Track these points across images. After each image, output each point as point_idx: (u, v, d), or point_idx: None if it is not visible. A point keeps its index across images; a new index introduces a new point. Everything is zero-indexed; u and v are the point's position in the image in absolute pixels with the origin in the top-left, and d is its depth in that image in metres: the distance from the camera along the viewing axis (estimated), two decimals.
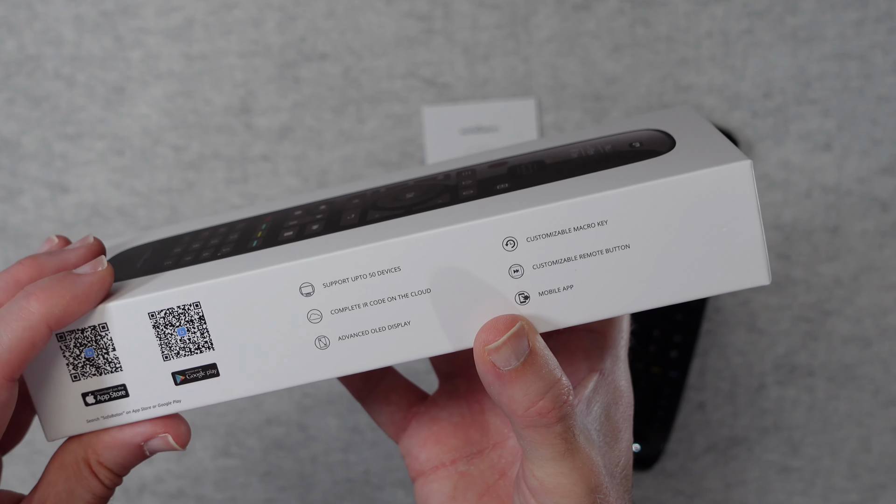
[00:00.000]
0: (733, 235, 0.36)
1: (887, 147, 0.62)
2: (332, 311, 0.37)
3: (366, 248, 0.37)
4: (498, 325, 0.36)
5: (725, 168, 0.35)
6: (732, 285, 0.36)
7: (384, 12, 0.61)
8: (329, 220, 0.40)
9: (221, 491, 0.67)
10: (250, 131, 0.62)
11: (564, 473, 0.38)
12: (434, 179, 0.42)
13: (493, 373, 0.36)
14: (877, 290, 0.64)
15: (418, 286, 0.37)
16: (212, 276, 0.38)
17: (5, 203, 0.63)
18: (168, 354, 0.38)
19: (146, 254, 0.43)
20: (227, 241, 0.41)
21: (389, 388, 0.46)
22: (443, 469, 0.44)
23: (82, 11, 0.61)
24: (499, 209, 0.37)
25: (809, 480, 0.66)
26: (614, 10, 0.61)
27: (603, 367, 0.42)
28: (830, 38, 0.61)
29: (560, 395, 0.37)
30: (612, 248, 0.36)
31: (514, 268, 0.37)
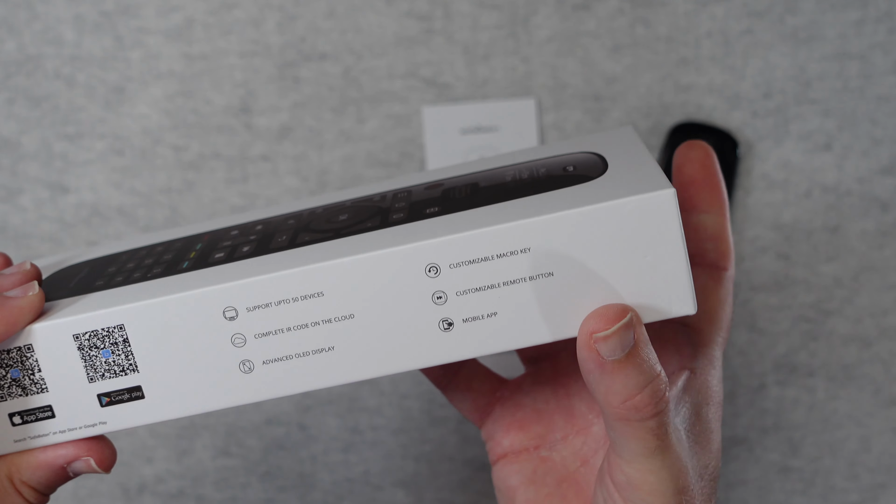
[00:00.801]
0: (658, 264, 0.36)
1: (887, 147, 0.62)
2: (255, 336, 0.37)
3: (288, 273, 0.37)
4: (609, 314, 0.36)
5: (648, 196, 0.35)
6: (658, 314, 0.36)
7: (384, 12, 0.61)
8: (261, 241, 0.41)
9: (221, 491, 0.67)
10: (250, 131, 0.62)
11: (653, 471, 0.37)
12: (370, 200, 0.42)
13: (595, 361, 0.36)
14: (877, 290, 0.64)
15: (342, 312, 0.37)
16: (136, 298, 0.38)
17: (5, 203, 0.63)
18: (93, 376, 0.38)
19: (82, 272, 0.43)
20: (161, 261, 0.41)
21: (471, 375, 0.46)
22: (525, 453, 0.44)
23: (82, 11, 0.61)
24: (423, 235, 0.37)
25: (809, 480, 0.66)
26: (614, 10, 0.61)
27: (694, 365, 0.41)
28: (830, 38, 0.61)
29: (658, 390, 0.36)
30: (535, 275, 0.36)
31: (438, 294, 0.37)
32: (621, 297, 0.36)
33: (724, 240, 0.42)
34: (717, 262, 0.42)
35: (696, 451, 0.39)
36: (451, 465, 0.66)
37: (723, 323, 0.42)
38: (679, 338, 0.42)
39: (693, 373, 0.41)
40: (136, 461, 0.66)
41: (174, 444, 0.66)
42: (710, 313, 0.42)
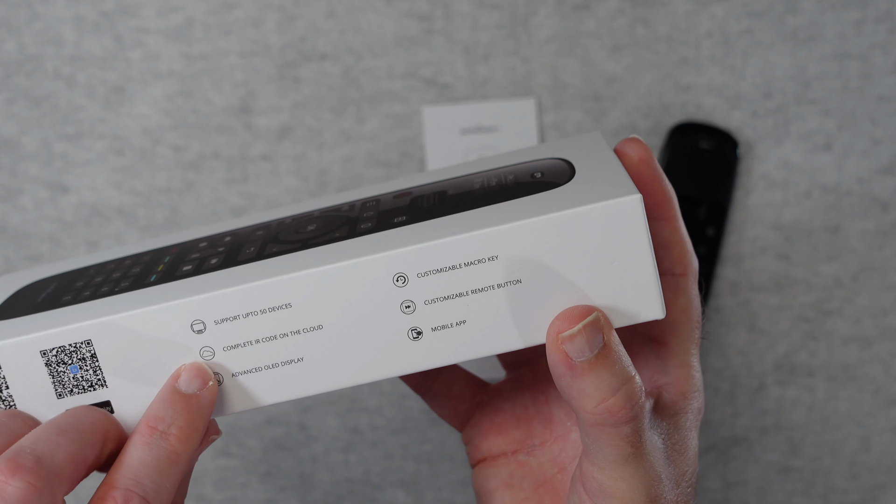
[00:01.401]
0: (625, 269, 0.36)
1: (887, 147, 0.62)
2: (224, 348, 0.37)
3: (256, 286, 0.37)
4: (573, 314, 0.36)
5: (614, 203, 0.35)
6: (628, 319, 0.36)
7: (384, 12, 0.61)
8: (229, 253, 0.40)
9: (221, 491, 0.67)
10: (250, 131, 0.62)
11: (626, 479, 0.37)
12: (338, 210, 0.42)
13: (564, 363, 0.35)
14: (877, 290, 0.64)
15: (310, 322, 0.37)
16: (103, 313, 0.38)
17: (5, 203, 0.63)
18: (62, 392, 0.38)
19: (49, 287, 0.43)
20: (128, 274, 0.41)
21: (450, 380, 0.46)
22: (503, 458, 0.44)
23: (82, 11, 0.61)
24: (390, 245, 0.37)
25: (809, 480, 0.66)
26: (614, 10, 0.61)
27: (666, 380, 0.41)
28: (830, 38, 0.61)
29: (632, 394, 0.36)
30: (503, 283, 0.36)
31: (406, 303, 0.37)
32: (591, 301, 0.36)
33: (676, 243, 0.41)
34: (673, 269, 0.41)
35: (674, 458, 0.39)
36: (451, 465, 0.66)
37: (690, 330, 0.42)
38: (647, 354, 0.42)
39: (665, 388, 0.41)
40: None
41: None
42: (675, 325, 0.41)
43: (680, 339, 0.41)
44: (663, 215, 0.41)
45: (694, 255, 0.42)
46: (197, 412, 0.37)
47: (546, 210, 0.36)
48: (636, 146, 0.40)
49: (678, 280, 0.41)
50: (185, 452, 0.36)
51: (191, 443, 0.36)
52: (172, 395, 0.37)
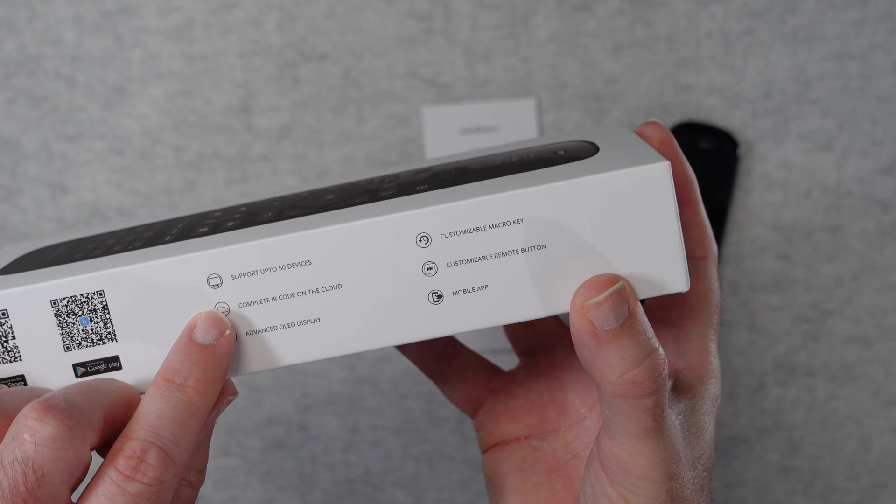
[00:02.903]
0: (651, 238, 0.35)
1: (887, 147, 0.62)
2: (240, 305, 0.36)
3: (276, 241, 0.36)
4: (599, 282, 0.35)
5: (642, 169, 0.35)
6: (652, 290, 0.36)
7: (384, 12, 0.61)
8: (245, 218, 0.40)
9: (221, 491, 0.67)
10: (250, 131, 0.62)
11: (645, 454, 0.36)
12: (357, 184, 0.42)
13: (589, 332, 0.35)
14: (877, 290, 0.64)
15: (329, 281, 0.36)
16: (117, 264, 0.37)
17: (5, 203, 0.63)
18: (69, 345, 0.37)
19: (59, 250, 0.42)
20: (142, 237, 0.40)
21: (464, 366, 0.45)
22: (515, 443, 0.44)
23: (82, 11, 0.61)
24: (413, 205, 0.36)
25: (809, 480, 0.66)
26: (614, 10, 0.61)
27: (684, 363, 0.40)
28: (830, 38, 0.61)
29: (656, 365, 0.35)
30: (527, 247, 0.36)
31: (428, 265, 0.36)
32: (615, 271, 0.36)
33: (696, 226, 0.41)
34: (693, 252, 0.41)
35: (691, 440, 0.39)
36: (451, 465, 0.66)
37: (710, 315, 0.41)
38: (665, 338, 0.41)
39: (682, 371, 0.40)
40: None
41: None
42: (694, 309, 0.41)
43: (698, 324, 0.41)
44: (684, 198, 0.41)
45: (714, 239, 0.41)
46: (214, 363, 0.36)
47: (573, 175, 0.35)
48: (657, 129, 0.40)
49: (698, 263, 0.41)
50: (203, 404, 0.35)
51: (208, 394, 0.36)
52: (188, 347, 0.36)
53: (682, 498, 0.37)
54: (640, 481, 0.37)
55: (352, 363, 0.65)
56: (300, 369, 0.65)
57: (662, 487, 0.37)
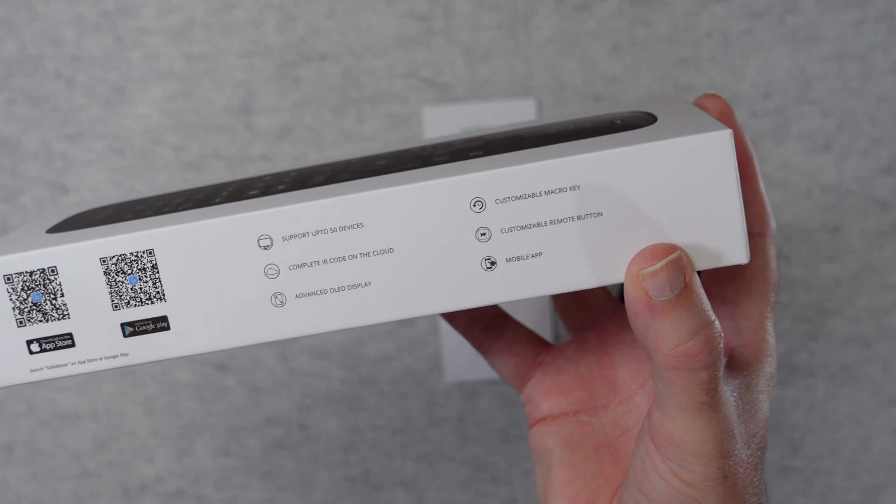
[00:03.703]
0: (711, 208, 0.35)
1: (887, 147, 0.62)
2: (290, 267, 0.36)
3: (328, 202, 0.35)
4: (656, 251, 0.34)
5: (704, 136, 0.34)
6: (710, 261, 0.35)
7: (384, 12, 0.61)
8: (296, 181, 0.39)
9: (221, 491, 0.67)
10: (250, 131, 0.62)
11: (698, 430, 0.35)
12: (408, 151, 0.41)
13: (643, 302, 0.34)
14: (877, 290, 0.64)
15: (381, 245, 0.36)
16: (168, 223, 0.36)
17: (5, 203, 0.63)
18: (118, 304, 0.37)
19: (109, 210, 0.42)
20: (192, 199, 0.40)
21: (513, 338, 0.45)
22: (563, 417, 0.43)
23: (82, 11, 0.61)
24: (468, 170, 0.35)
25: (809, 480, 0.66)
26: (614, 10, 0.61)
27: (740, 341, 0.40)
28: (830, 38, 0.61)
29: (711, 338, 0.34)
30: (583, 214, 0.35)
31: (482, 231, 0.35)
32: (672, 240, 0.35)
33: (756, 202, 0.40)
34: (751, 228, 0.40)
35: (745, 418, 0.38)
36: (451, 465, 0.66)
37: (767, 293, 0.40)
38: (721, 315, 0.41)
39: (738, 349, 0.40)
40: (136, 461, 0.66)
41: (174, 444, 0.66)
42: (751, 286, 0.40)
43: (755, 301, 0.40)
44: (744, 173, 0.40)
45: (772, 215, 0.41)
46: None
47: (632, 142, 0.35)
48: (717, 101, 0.39)
49: (756, 240, 0.40)
50: None
51: None
52: None
53: (734, 475, 0.37)
54: (691, 457, 0.36)
55: (352, 363, 0.65)
56: (300, 369, 0.65)
57: (715, 464, 0.36)
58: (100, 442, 0.66)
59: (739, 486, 0.37)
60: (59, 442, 0.66)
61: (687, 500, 0.37)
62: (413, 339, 0.64)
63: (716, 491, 0.36)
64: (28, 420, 0.65)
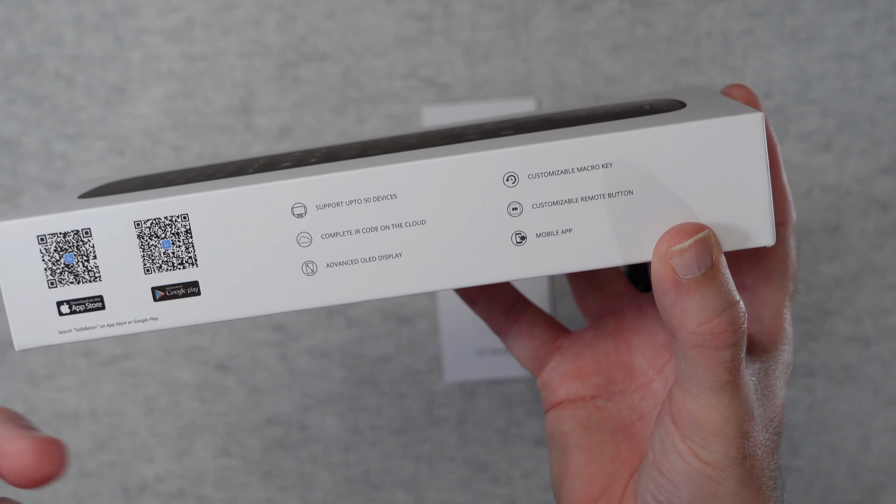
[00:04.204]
0: (740, 190, 0.35)
1: (887, 147, 0.62)
2: (322, 236, 0.36)
3: (363, 172, 0.36)
4: (685, 229, 0.35)
5: (736, 119, 0.35)
6: (737, 242, 0.36)
7: (384, 12, 0.61)
8: (328, 155, 0.40)
9: (221, 491, 0.67)
10: (250, 131, 0.62)
11: (719, 409, 0.36)
12: (439, 130, 0.42)
13: (671, 279, 0.35)
14: (877, 290, 0.64)
15: (414, 216, 0.36)
16: (203, 189, 0.37)
17: (5, 203, 0.63)
18: (150, 267, 0.37)
19: (140, 181, 0.42)
20: (224, 170, 0.40)
21: (532, 322, 0.45)
22: (580, 402, 0.43)
23: (82, 11, 0.61)
24: (502, 145, 0.36)
25: (809, 480, 0.66)
26: (614, 10, 0.61)
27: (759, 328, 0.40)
28: (830, 38, 0.61)
29: (736, 318, 0.35)
30: (614, 192, 0.35)
31: (514, 205, 0.36)
32: (700, 220, 0.35)
33: (778, 191, 0.41)
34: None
35: (763, 402, 0.38)
36: (451, 465, 0.66)
37: (786, 282, 0.41)
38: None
39: (756, 335, 0.40)
40: (136, 461, 0.66)
41: (174, 444, 0.66)
42: (770, 275, 0.41)
43: (774, 289, 0.41)
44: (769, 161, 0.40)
45: (793, 205, 0.41)
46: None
47: (665, 123, 0.35)
48: (743, 90, 0.40)
49: (777, 229, 0.41)
50: None
51: None
52: None
53: (753, 457, 0.37)
54: (712, 436, 0.36)
55: (352, 363, 0.65)
56: (300, 369, 0.65)
57: (734, 444, 0.36)
58: (100, 442, 0.66)
59: (757, 469, 0.37)
60: None
61: (706, 479, 0.37)
62: (413, 339, 0.64)
63: (734, 471, 0.37)
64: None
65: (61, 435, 0.65)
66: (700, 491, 0.37)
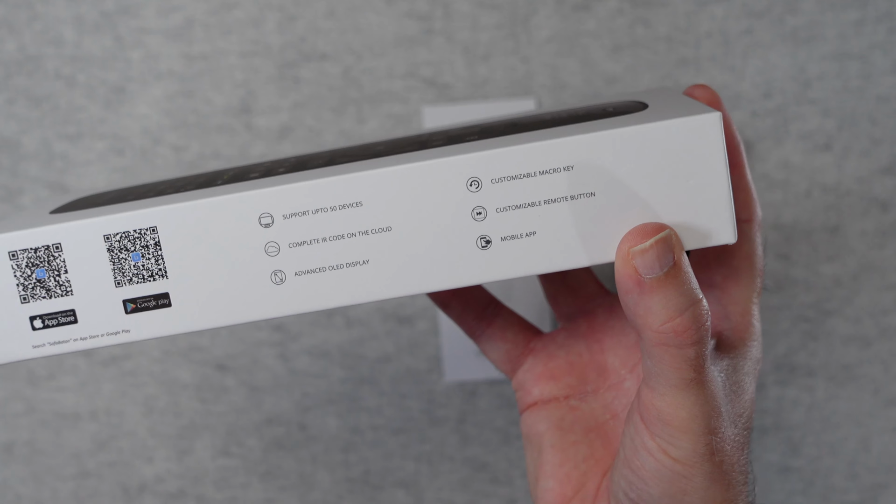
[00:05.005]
0: (700, 189, 0.36)
1: (887, 147, 0.62)
2: (290, 245, 0.37)
3: (328, 181, 0.36)
4: (646, 230, 0.35)
5: (694, 119, 0.35)
6: (699, 241, 0.36)
7: (384, 12, 0.61)
8: (296, 165, 0.40)
9: (221, 491, 0.67)
10: (250, 131, 0.62)
11: (685, 406, 0.36)
12: (406, 138, 0.42)
13: (633, 279, 0.35)
14: (877, 290, 0.64)
15: (379, 223, 0.37)
16: (171, 201, 0.37)
17: (5, 203, 0.63)
18: (120, 280, 0.37)
19: (111, 194, 0.42)
20: (194, 182, 0.41)
21: (505, 325, 0.46)
22: (554, 402, 0.44)
23: (82, 11, 0.61)
24: (465, 150, 0.36)
25: (809, 480, 0.66)
26: (614, 10, 0.61)
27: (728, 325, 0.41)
28: (830, 38, 0.61)
29: (699, 315, 0.35)
30: (576, 195, 0.36)
31: (478, 210, 0.36)
32: (662, 220, 0.36)
33: (742, 189, 0.41)
34: (738, 215, 0.41)
35: (732, 398, 0.39)
36: (451, 465, 0.66)
37: (753, 279, 0.41)
38: (708, 300, 0.41)
39: (725, 332, 0.41)
40: (136, 461, 0.66)
41: (174, 444, 0.66)
42: (737, 272, 0.41)
43: (742, 287, 0.41)
44: (732, 161, 0.41)
45: (758, 203, 0.42)
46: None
47: (625, 125, 0.36)
48: (705, 90, 0.41)
49: (743, 226, 0.41)
50: None
51: None
52: None
53: (721, 452, 0.37)
54: (679, 433, 0.37)
55: (352, 363, 0.65)
56: (300, 369, 0.65)
57: (702, 440, 0.37)
58: (100, 442, 0.66)
59: (726, 464, 0.38)
60: (59, 442, 0.66)
61: (675, 476, 0.37)
62: (413, 339, 0.64)
63: (703, 467, 0.37)
64: (28, 420, 0.65)
65: (61, 435, 0.66)
66: (670, 487, 0.37)
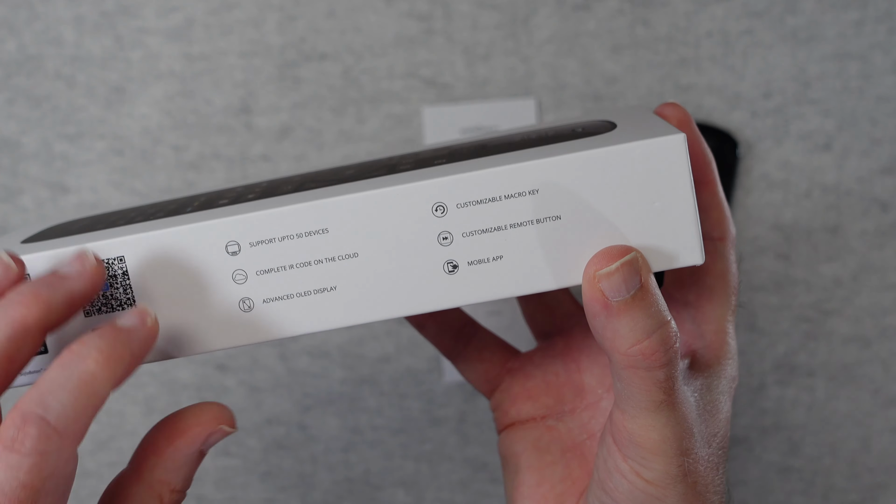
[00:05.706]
0: (666, 211, 0.36)
1: (887, 147, 0.62)
2: (257, 273, 0.37)
3: (294, 209, 0.36)
4: (612, 252, 0.35)
5: (658, 140, 0.35)
6: (666, 263, 0.36)
7: (384, 12, 0.61)
8: (266, 191, 0.40)
9: (221, 491, 0.67)
10: (250, 131, 0.62)
11: (657, 428, 0.36)
12: (376, 161, 0.42)
13: (600, 302, 0.35)
14: (877, 290, 0.64)
15: (346, 250, 0.37)
16: (138, 231, 0.37)
17: (5, 203, 0.63)
18: (89, 310, 0.37)
19: (84, 222, 0.42)
20: (164, 209, 0.41)
21: (482, 345, 0.46)
22: (531, 422, 0.44)
23: (82, 11, 0.61)
24: (430, 175, 0.37)
25: (809, 480, 0.66)
26: (614, 10, 0.61)
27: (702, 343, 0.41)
28: (830, 38, 0.61)
29: (668, 338, 0.35)
30: (542, 218, 0.36)
31: (444, 235, 0.36)
32: (629, 242, 0.36)
33: (714, 207, 0.41)
34: (711, 233, 0.41)
35: (706, 418, 0.38)
36: (451, 465, 0.66)
37: (727, 297, 0.41)
38: (683, 319, 0.41)
39: (699, 351, 0.40)
40: None
41: None
42: (712, 290, 0.41)
43: (716, 305, 0.41)
44: (702, 178, 0.41)
45: (732, 221, 0.42)
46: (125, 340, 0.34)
47: (589, 147, 0.36)
48: (675, 109, 0.40)
49: (716, 244, 0.41)
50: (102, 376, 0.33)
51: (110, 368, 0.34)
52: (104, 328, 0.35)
53: (695, 473, 0.37)
54: (651, 455, 0.37)
55: (352, 363, 0.65)
56: (300, 369, 0.65)
57: (675, 462, 0.37)
58: (100, 442, 0.66)
59: (700, 485, 0.38)
60: None
61: (649, 497, 0.37)
62: (413, 339, 0.64)
63: (676, 489, 0.37)
64: None
65: None
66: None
